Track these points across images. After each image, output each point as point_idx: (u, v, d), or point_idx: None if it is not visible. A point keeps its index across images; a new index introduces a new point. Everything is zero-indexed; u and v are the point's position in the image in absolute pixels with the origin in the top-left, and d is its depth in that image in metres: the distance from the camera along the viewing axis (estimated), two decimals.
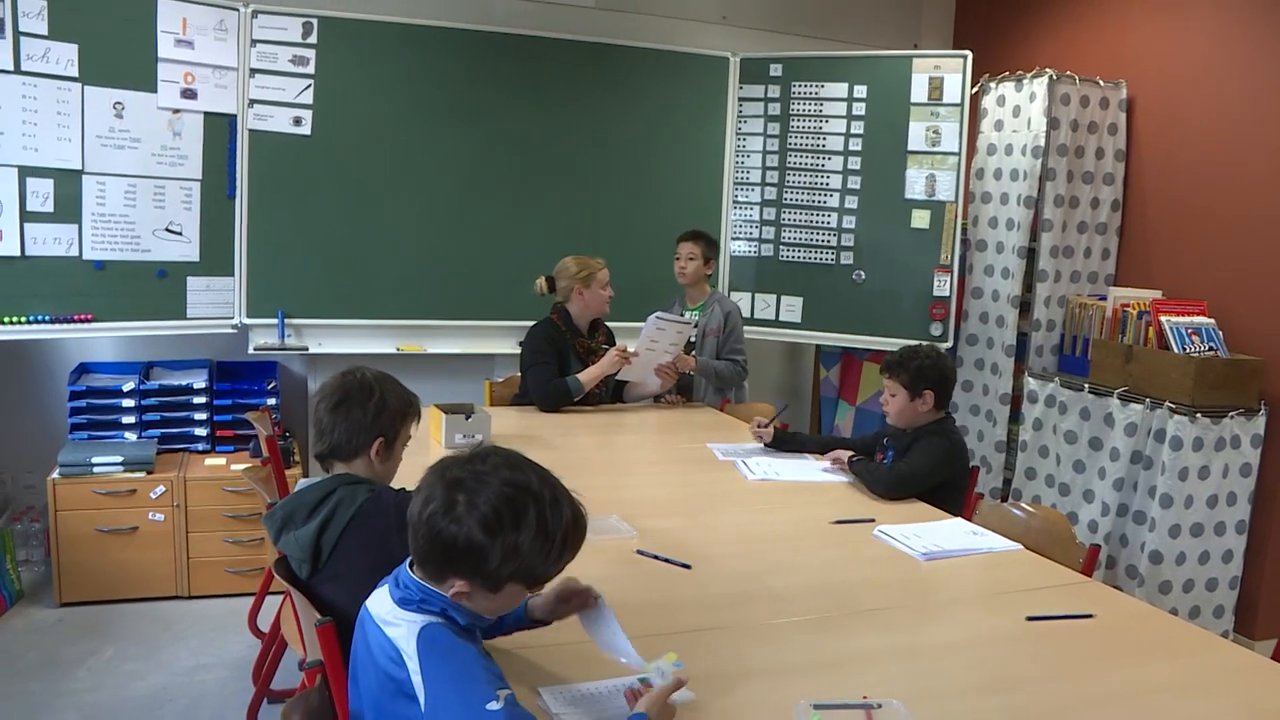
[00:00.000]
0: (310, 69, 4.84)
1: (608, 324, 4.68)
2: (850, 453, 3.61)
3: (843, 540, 2.92)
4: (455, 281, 5.15)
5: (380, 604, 1.74)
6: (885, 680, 1.99)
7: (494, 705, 1.51)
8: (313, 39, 4.82)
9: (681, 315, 4.69)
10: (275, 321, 4.90)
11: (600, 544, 2.71)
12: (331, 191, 4.95)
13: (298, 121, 4.83)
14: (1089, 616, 2.44)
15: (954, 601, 2.55)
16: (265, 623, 3.83)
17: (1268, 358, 4.43)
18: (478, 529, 1.61)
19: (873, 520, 3.04)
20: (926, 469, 3.40)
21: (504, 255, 5.22)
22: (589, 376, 4.31)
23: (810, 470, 3.64)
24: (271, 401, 4.90)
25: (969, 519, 3.21)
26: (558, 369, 4.36)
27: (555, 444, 3.77)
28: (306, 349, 5.00)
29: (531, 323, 4.51)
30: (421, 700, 1.58)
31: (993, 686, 2.06)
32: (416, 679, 1.59)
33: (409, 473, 2.42)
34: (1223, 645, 2.40)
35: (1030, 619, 2.40)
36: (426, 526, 1.64)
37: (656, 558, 2.63)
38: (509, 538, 1.62)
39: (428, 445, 3.70)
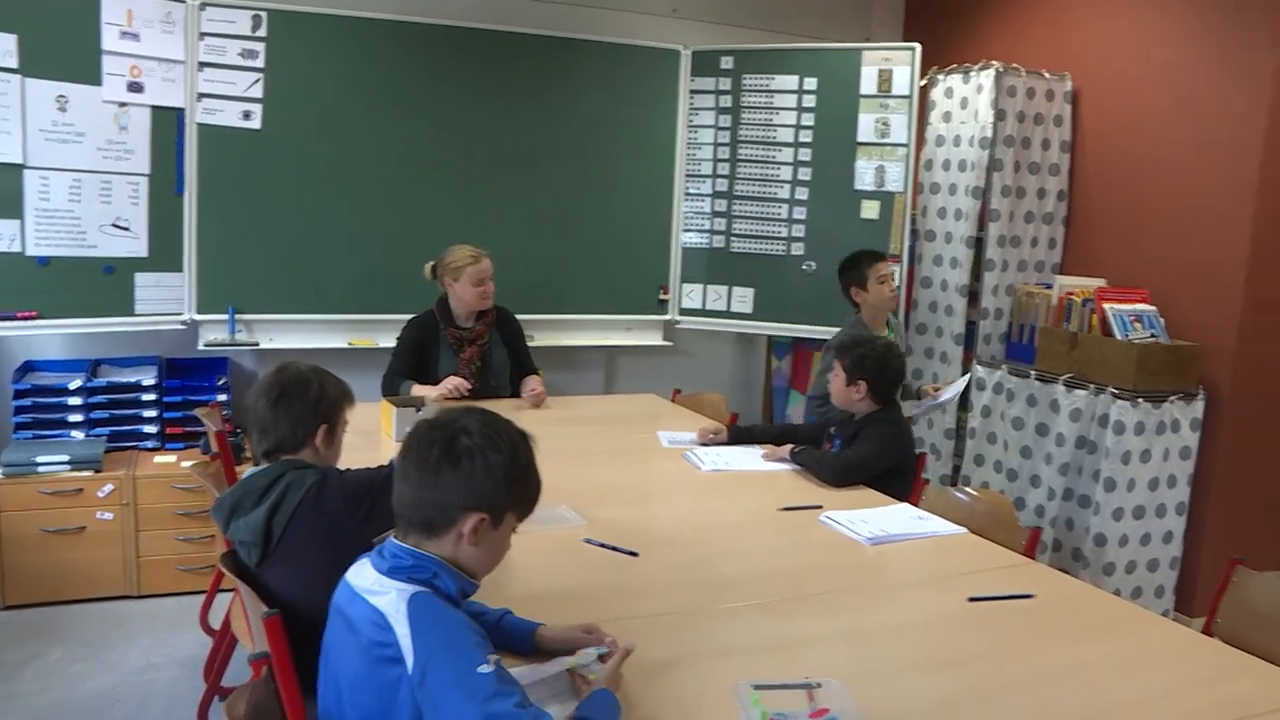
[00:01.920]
0: (260, 62, 4.80)
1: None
2: (791, 446, 3.65)
3: (790, 527, 2.96)
4: (406, 275, 5.11)
5: (363, 576, 1.76)
6: (828, 662, 2.02)
7: (485, 668, 1.55)
8: (262, 32, 4.78)
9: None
10: (226, 317, 4.87)
11: (548, 533, 2.73)
12: (282, 186, 4.92)
13: (247, 115, 4.79)
14: (1029, 596, 2.50)
15: (898, 584, 2.59)
16: (217, 620, 3.81)
17: (1206, 343, 4.53)
18: (488, 455, 1.75)
19: (820, 507, 3.08)
20: (873, 455, 3.45)
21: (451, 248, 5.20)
22: (419, 391, 4.19)
23: (760, 460, 3.68)
24: (222, 398, 4.86)
25: (915, 504, 3.26)
26: (411, 363, 4.36)
27: None
28: (258, 344, 4.96)
29: None
30: (409, 663, 1.60)
31: (934, 666, 2.10)
32: (405, 643, 1.61)
33: (360, 464, 2.44)
34: (1157, 621, 2.47)
35: (972, 600, 2.45)
36: (433, 474, 1.73)
37: (603, 545, 2.65)
38: (512, 459, 1.78)
39: (378, 439, 3.70)
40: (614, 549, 2.64)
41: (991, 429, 4.98)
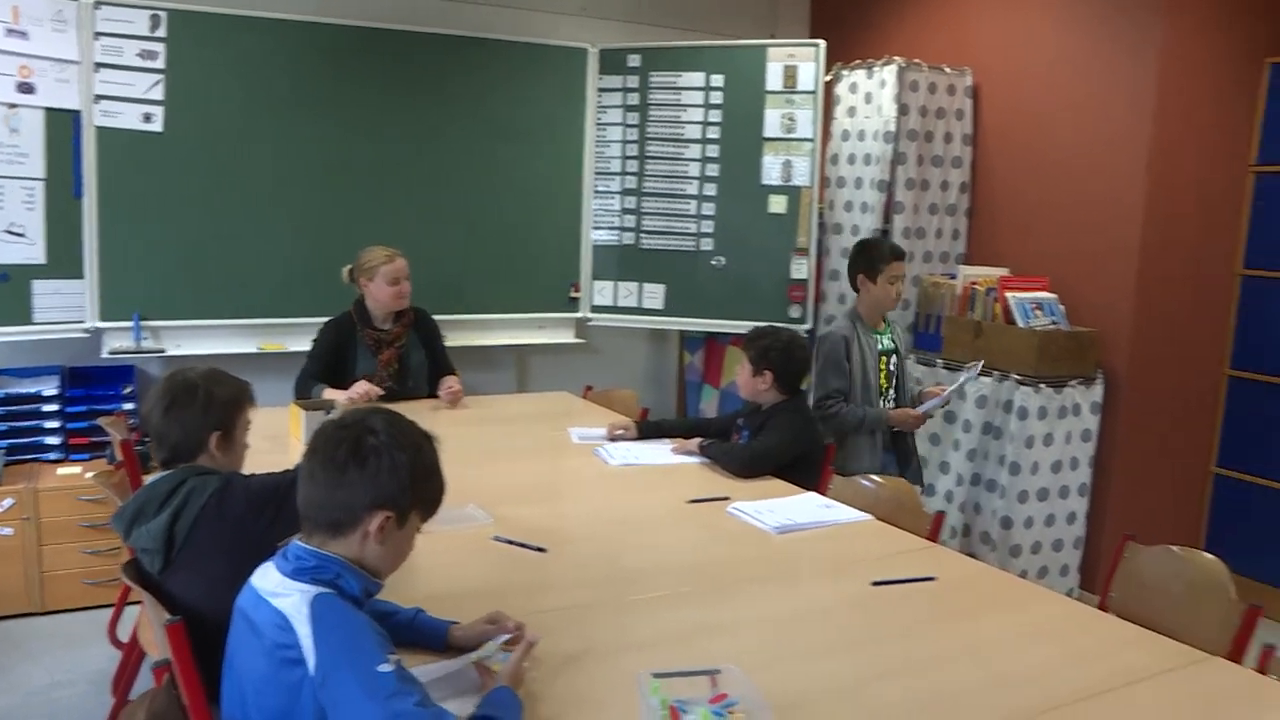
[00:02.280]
0: (160, 63, 4.70)
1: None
2: (700, 439, 3.69)
3: (698, 519, 2.99)
4: (316, 277, 5.06)
5: (267, 579, 1.76)
6: (733, 650, 2.06)
7: (385, 667, 1.57)
8: (161, 32, 4.69)
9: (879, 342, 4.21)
10: (130, 324, 4.77)
11: (457, 532, 2.73)
12: (187, 189, 4.82)
13: (148, 118, 4.70)
14: (931, 579, 2.56)
15: (803, 572, 2.64)
16: (126, 632, 3.74)
17: (1103, 329, 4.67)
18: (394, 454, 1.77)
19: (727, 498, 3.12)
20: (780, 445, 3.50)
21: (358, 250, 5.15)
22: (330, 395, 4.12)
23: (670, 454, 3.71)
24: (129, 406, 4.77)
25: (823, 493, 3.32)
26: (327, 365, 4.30)
27: None
28: (164, 351, 4.87)
29: None
30: (311, 664, 1.60)
31: (836, 649, 2.15)
32: (306, 643, 1.61)
33: (268, 469, 2.42)
34: (1053, 598, 2.55)
35: (875, 584, 2.51)
36: (339, 473, 1.74)
37: (511, 542, 2.66)
38: (416, 458, 1.80)
39: (287, 443, 3.66)
40: (522, 545, 2.65)
41: None
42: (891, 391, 4.14)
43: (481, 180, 5.42)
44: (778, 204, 5.32)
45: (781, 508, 3.04)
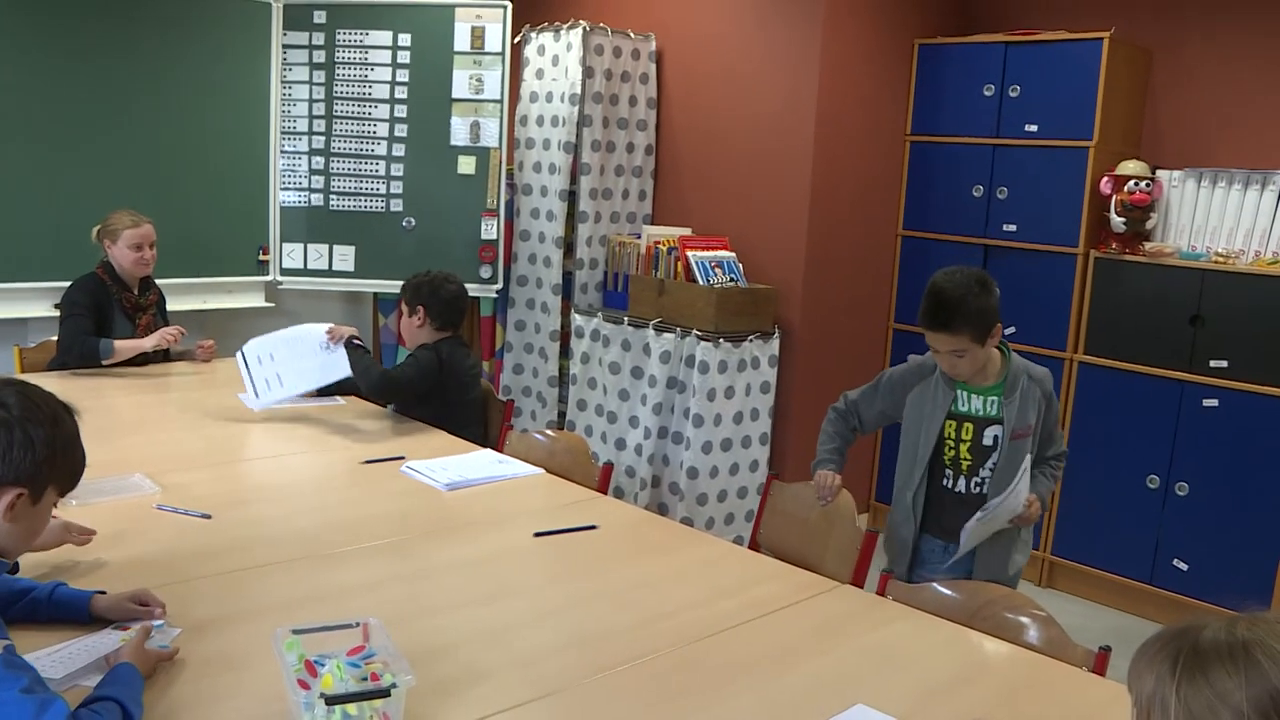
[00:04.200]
0: None
1: (159, 282, 4.43)
2: (355, 333, 3.80)
3: (369, 479, 3.00)
4: None
5: None
6: (384, 603, 2.10)
7: None
8: None
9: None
10: None
11: (120, 502, 2.64)
12: None
13: None
14: (592, 528, 2.67)
15: (468, 526, 2.69)
16: None
17: (779, 286, 4.97)
18: (28, 428, 1.67)
19: (402, 458, 3.14)
20: (410, 376, 3.64)
21: (41, 210, 4.83)
22: (127, 346, 4.07)
23: (312, 373, 3.75)
24: None
25: (500, 449, 3.39)
26: (93, 324, 4.11)
27: (87, 406, 3.56)
28: None
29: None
30: None
31: (490, 598, 2.22)
32: None
33: None
34: (706, 539, 2.74)
35: (537, 535, 2.60)
36: None
37: (176, 510, 2.59)
38: (53, 432, 1.71)
39: None
40: (186, 513, 2.58)
41: (591, 374, 5.22)
42: (977, 469, 2.94)
43: (164, 140, 5.16)
44: (467, 165, 5.34)
45: (455, 465, 3.10)
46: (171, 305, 5.01)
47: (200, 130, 5.29)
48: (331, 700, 1.52)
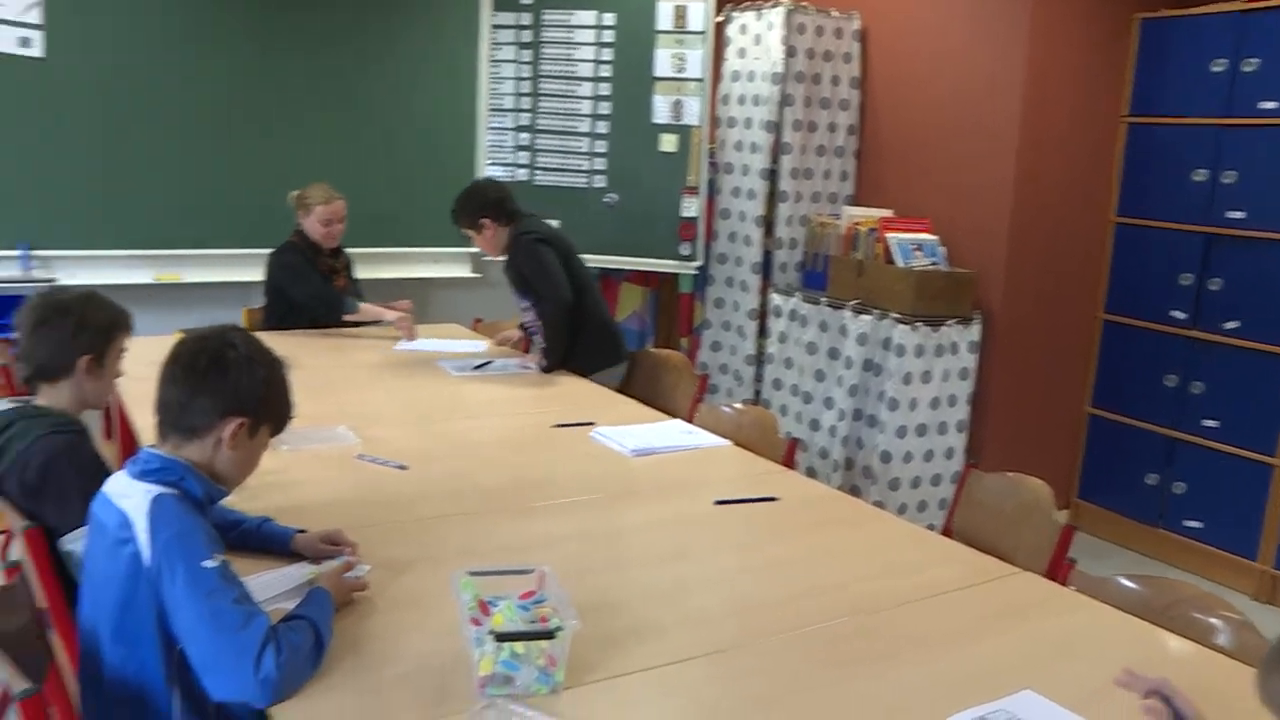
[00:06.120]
0: None
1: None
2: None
3: (559, 442, 3.09)
4: (211, 209, 5.08)
5: (115, 484, 1.83)
6: (562, 558, 2.15)
7: (209, 564, 1.66)
8: None
9: None
10: (18, 253, 4.73)
11: (326, 450, 2.83)
12: (76, 116, 4.78)
13: (25, 42, 4.62)
14: (773, 499, 2.67)
15: (651, 491, 2.74)
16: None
17: (981, 270, 4.82)
18: (253, 367, 1.86)
19: (592, 423, 3.22)
20: (552, 275, 3.92)
21: (260, 182, 5.16)
22: (371, 310, 4.40)
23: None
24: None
25: (691, 420, 3.42)
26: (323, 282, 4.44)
27: (297, 362, 3.81)
28: (55, 280, 4.83)
29: None
30: (146, 557, 1.67)
31: (667, 559, 2.26)
32: (143, 538, 1.68)
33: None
34: (888, 519, 2.69)
35: (718, 503, 2.62)
36: (201, 379, 1.82)
37: (374, 461, 2.74)
38: (272, 373, 1.90)
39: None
40: (384, 463, 2.73)
41: (788, 354, 5.20)
42: None
43: (377, 116, 5.44)
44: (668, 142, 5.40)
45: (643, 432, 3.15)
46: (382, 273, 5.32)
47: (411, 107, 5.55)
48: (501, 637, 1.59)
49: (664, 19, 5.36)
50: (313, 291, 4.41)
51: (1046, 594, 2.22)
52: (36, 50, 4.65)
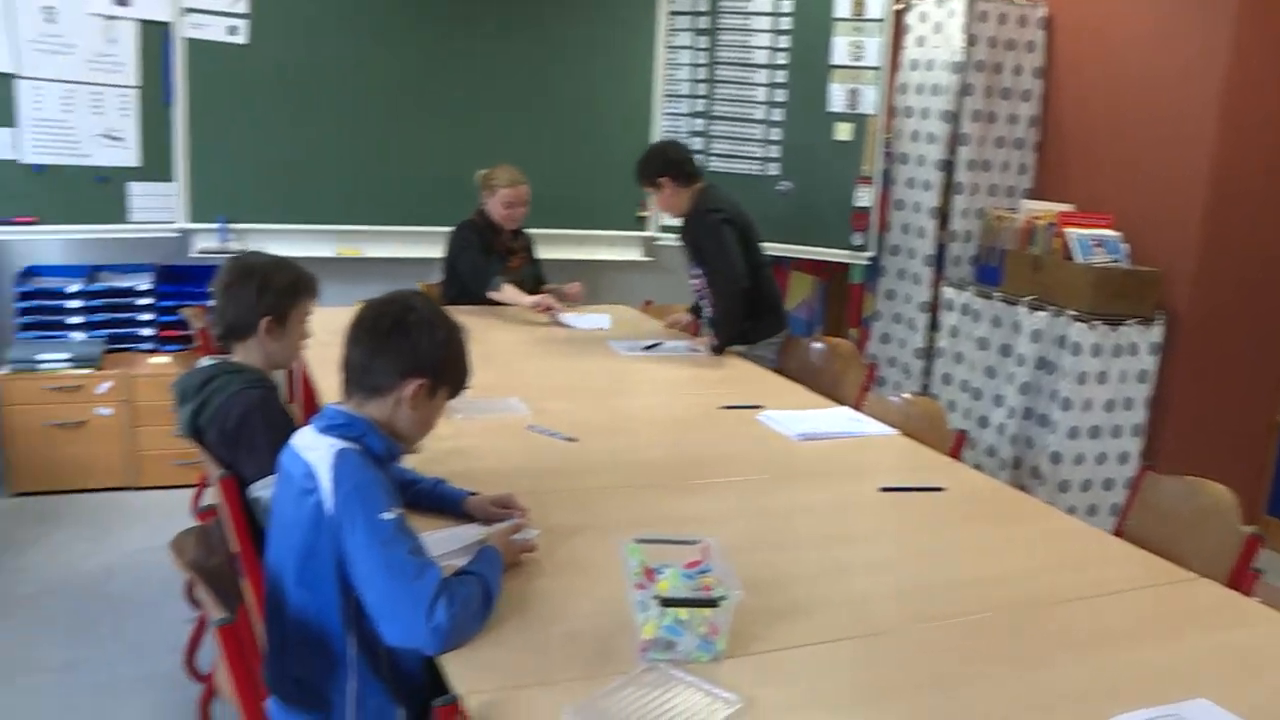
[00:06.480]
0: None
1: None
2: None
3: (726, 422, 3.16)
4: (393, 187, 5.30)
5: (302, 437, 1.97)
6: (726, 534, 2.17)
7: (387, 515, 1.78)
8: None
9: None
10: (217, 226, 5.05)
11: (498, 420, 2.97)
12: (271, 99, 5.05)
13: (233, 30, 4.91)
14: (940, 489, 2.66)
15: (815, 475, 2.77)
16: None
17: (1168, 269, 4.63)
18: (434, 330, 1.97)
19: (760, 406, 3.26)
20: (728, 255, 3.98)
21: (440, 162, 5.36)
22: (512, 294, 4.51)
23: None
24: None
25: (858, 409, 3.43)
26: (485, 260, 4.59)
27: (477, 337, 3.97)
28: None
29: None
30: (328, 506, 1.80)
31: (830, 541, 2.29)
32: (327, 488, 1.81)
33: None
34: (1057, 515, 2.63)
35: (883, 490, 2.63)
36: (384, 339, 1.94)
37: (545, 432, 2.85)
38: (452, 336, 2.01)
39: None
40: (554, 435, 2.84)
41: (959, 349, 5.12)
42: None
43: (554, 102, 5.57)
44: (844, 131, 5.37)
45: (810, 418, 3.18)
46: (555, 254, 5.44)
47: (587, 92, 5.65)
48: (666, 602, 1.65)
49: (842, 7, 5.33)
50: (467, 266, 4.58)
51: (1225, 601, 2.13)
52: (241, 38, 4.93)
